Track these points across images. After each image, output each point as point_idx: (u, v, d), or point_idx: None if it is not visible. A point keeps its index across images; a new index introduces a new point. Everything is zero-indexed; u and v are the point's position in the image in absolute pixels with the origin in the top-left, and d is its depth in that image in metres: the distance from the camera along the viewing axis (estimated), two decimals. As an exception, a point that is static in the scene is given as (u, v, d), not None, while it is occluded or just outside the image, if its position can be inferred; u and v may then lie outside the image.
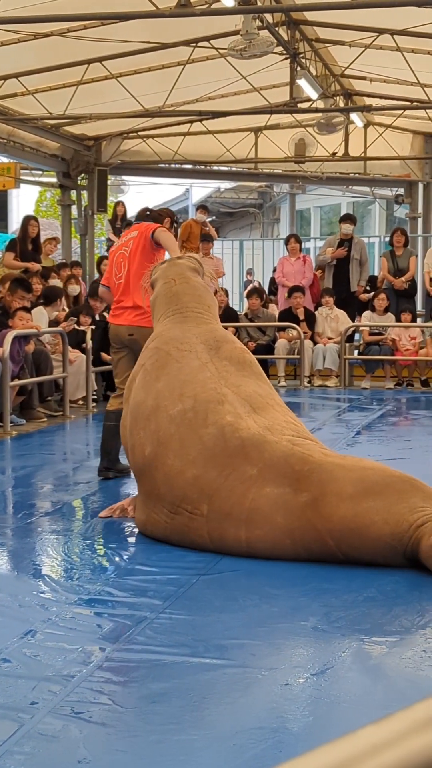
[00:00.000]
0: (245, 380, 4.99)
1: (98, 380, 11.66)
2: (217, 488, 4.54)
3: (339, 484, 4.33)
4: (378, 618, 3.67)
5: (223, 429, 4.62)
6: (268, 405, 4.88)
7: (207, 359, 5.04)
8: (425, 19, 11.72)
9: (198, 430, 4.68)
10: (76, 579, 4.23)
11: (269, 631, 3.52)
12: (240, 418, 4.67)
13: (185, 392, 4.84)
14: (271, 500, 4.42)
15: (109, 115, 15.42)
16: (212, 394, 4.80)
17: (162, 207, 7.69)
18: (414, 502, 4.26)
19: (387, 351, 13.52)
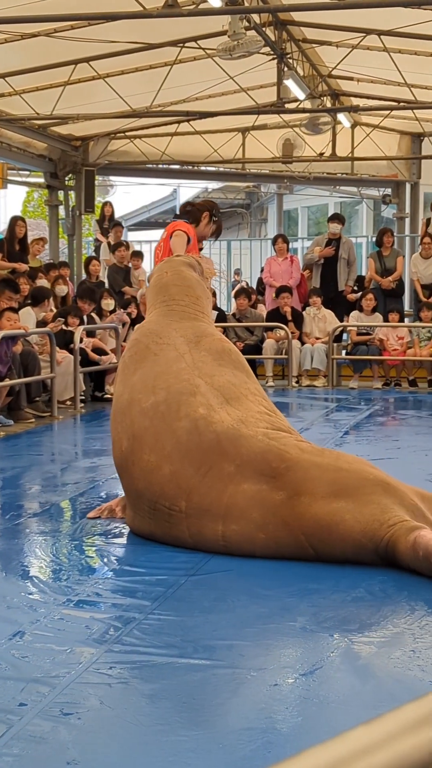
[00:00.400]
0: (220, 369, 4.97)
1: (86, 381, 11.65)
2: (195, 485, 4.57)
3: (313, 484, 4.38)
4: (366, 618, 3.67)
5: (196, 422, 4.64)
6: (242, 395, 4.87)
7: (185, 350, 5.04)
8: (412, 20, 11.75)
9: (171, 423, 4.69)
10: (65, 580, 4.22)
11: (258, 631, 3.52)
12: (213, 410, 4.68)
13: (158, 384, 4.85)
14: (247, 496, 4.46)
15: (97, 115, 15.41)
16: (185, 385, 4.81)
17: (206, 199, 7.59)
18: (385, 504, 4.30)
19: (375, 351, 13.54)
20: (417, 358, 13.42)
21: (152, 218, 30.84)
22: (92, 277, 14.15)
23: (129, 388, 4.99)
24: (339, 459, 4.58)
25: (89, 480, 6.68)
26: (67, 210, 18.14)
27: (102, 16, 11.27)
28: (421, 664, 3.18)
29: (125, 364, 5.21)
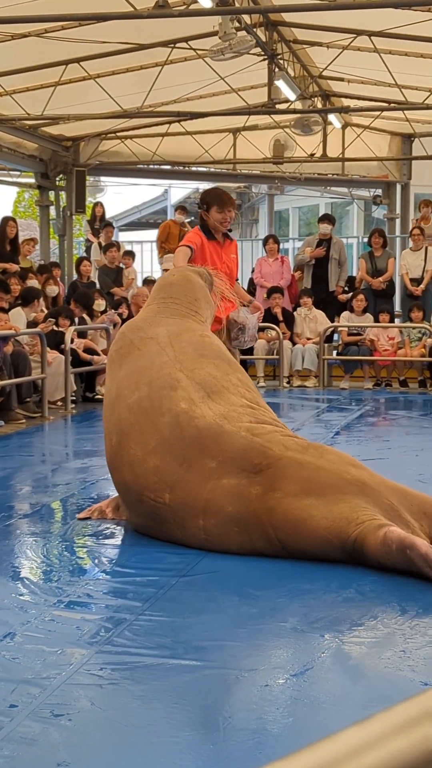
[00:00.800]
0: (201, 362, 5.01)
1: (77, 381, 11.64)
2: (178, 479, 4.64)
3: (288, 481, 4.43)
4: (357, 618, 3.67)
5: (178, 417, 4.70)
6: (224, 388, 4.90)
7: (166, 343, 5.10)
8: (402, 21, 11.77)
9: (154, 418, 4.77)
10: (56, 581, 4.22)
11: (249, 632, 3.52)
12: (194, 404, 4.74)
13: (141, 379, 4.94)
14: (225, 491, 4.53)
15: (88, 115, 15.40)
16: (166, 379, 4.87)
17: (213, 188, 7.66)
18: (357, 503, 4.31)
19: (366, 351, 13.56)
20: (408, 358, 13.44)
21: (143, 218, 30.84)
22: (83, 277, 14.14)
23: (116, 384, 5.09)
24: (322, 457, 4.59)
25: (80, 481, 6.67)
26: (57, 210, 18.13)
27: (93, 17, 11.27)
28: (411, 665, 3.18)
29: (112, 359, 5.32)
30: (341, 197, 23.93)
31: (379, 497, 4.39)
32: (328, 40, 13.45)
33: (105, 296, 13.34)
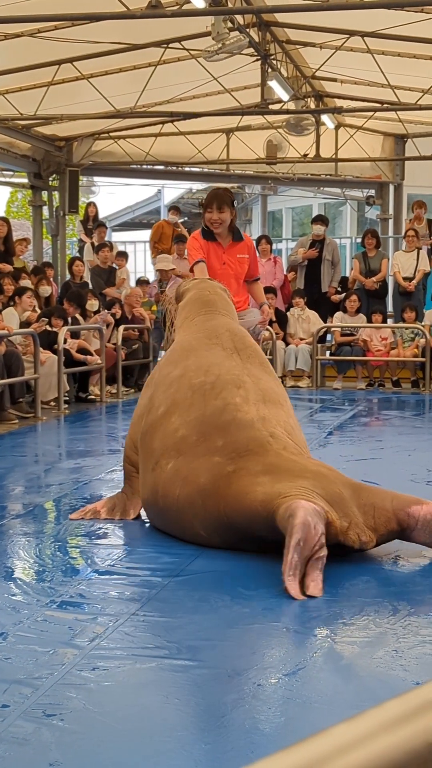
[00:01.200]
0: (265, 376, 5.31)
1: (70, 381, 11.63)
2: (186, 450, 4.87)
3: (257, 463, 4.60)
4: (349, 618, 3.68)
5: (227, 405, 4.94)
6: (279, 403, 5.16)
7: (232, 350, 5.36)
8: (395, 22, 11.79)
9: (208, 400, 5.01)
10: (48, 581, 4.22)
11: (241, 632, 3.52)
12: (247, 402, 4.98)
13: (211, 370, 5.18)
14: (209, 465, 4.72)
15: (81, 115, 15.40)
16: (233, 377, 5.12)
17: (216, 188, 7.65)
18: (300, 483, 4.36)
19: (358, 352, 13.58)
20: (400, 358, 13.46)
21: (136, 219, 30.83)
22: (76, 277, 14.13)
23: (182, 368, 5.29)
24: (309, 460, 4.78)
25: (73, 481, 6.67)
26: (51, 210, 18.11)
27: (86, 17, 11.26)
28: (403, 664, 3.19)
29: (175, 351, 5.52)
30: (334, 198, 23.95)
31: (330, 485, 4.42)
32: (320, 40, 13.46)
33: (98, 296, 13.34)
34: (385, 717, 0.74)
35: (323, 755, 0.69)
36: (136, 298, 13.92)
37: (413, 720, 0.74)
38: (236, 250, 7.01)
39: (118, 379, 12.54)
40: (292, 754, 0.69)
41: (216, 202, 6.84)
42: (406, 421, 10.33)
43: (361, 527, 4.34)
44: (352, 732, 0.72)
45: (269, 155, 17.24)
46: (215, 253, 6.92)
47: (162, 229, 16.23)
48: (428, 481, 6.58)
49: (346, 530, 4.28)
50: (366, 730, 0.72)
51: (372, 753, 0.70)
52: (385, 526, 4.42)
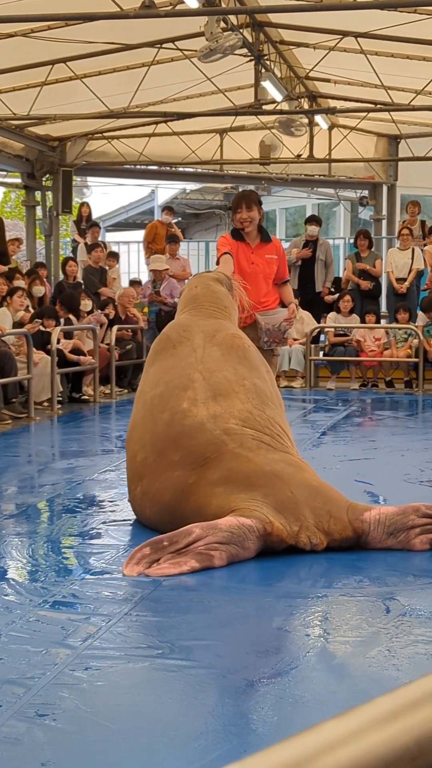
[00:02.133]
0: (223, 365, 5.19)
1: (63, 382, 11.62)
2: (148, 471, 4.98)
3: (215, 470, 4.66)
4: (341, 617, 3.68)
5: (174, 416, 4.96)
6: (233, 392, 5.07)
7: (199, 344, 5.33)
8: (388, 22, 11.79)
9: (156, 415, 5.07)
10: (41, 581, 4.21)
11: (234, 632, 3.53)
12: (195, 404, 4.96)
13: (163, 378, 5.21)
14: (171, 481, 4.79)
15: (74, 116, 15.38)
16: (182, 380, 5.10)
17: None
18: (253, 495, 4.49)
19: (352, 352, 13.59)
20: (394, 359, 13.46)
21: (130, 219, 30.80)
22: (69, 278, 14.12)
23: (144, 380, 5.49)
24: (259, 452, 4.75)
25: (66, 481, 6.67)
26: (44, 210, 18.09)
27: (79, 17, 11.25)
28: (396, 664, 3.19)
29: (149, 356, 5.67)
30: (328, 198, 23.97)
31: (282, 489, 4.54)
32: (314, 41, 13.46)
33: (91, 296, 13.32)
34: (374, 714, 0.74)
35: (313, 751, 0.69)
36: (130, 299, 13.92)
37: (402, 717, 0.74)
38: (264, 251, 7.10)
39: (111, 380, 12.53)
40: (282, 751, 0.69)
41: (245, 202, 7.01)
42: (399, 421, 10.34)
43: (312, 530, 4.49)
44: (341, 728, 0.72)
45: (263, 156, 17.24)
46: (243, 253, 7.02)
47: (156, 229, 16.22)
48: (421, 481, 6.59)
49: (296, 534, 4.46)
50: (355, 727, 0.72)
51: (361, 749, 0.70)
52: (340, 534, 4.56)
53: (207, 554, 4.25)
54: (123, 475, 6.80)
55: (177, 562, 4.21)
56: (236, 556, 4.33)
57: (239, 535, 4.32)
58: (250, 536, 4.35)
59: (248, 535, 4.34)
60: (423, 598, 3.94)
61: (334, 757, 0.68)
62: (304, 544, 4.47)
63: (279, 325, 7.00)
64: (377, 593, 3.98)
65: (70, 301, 12.44)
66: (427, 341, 13.08)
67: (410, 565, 4.43)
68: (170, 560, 4.22)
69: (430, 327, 13.23)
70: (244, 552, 4.36)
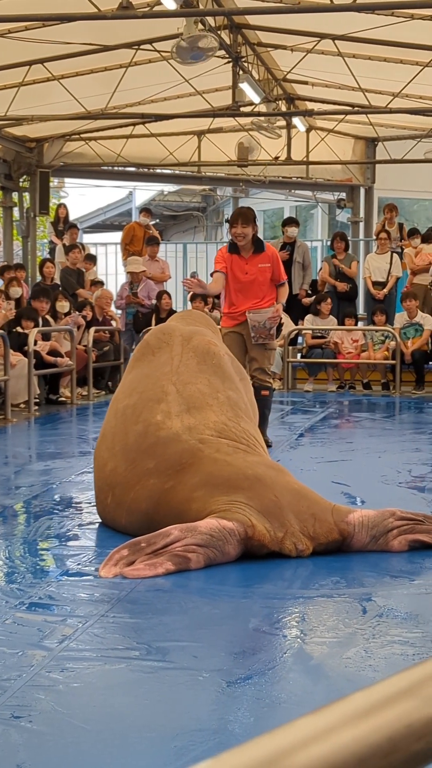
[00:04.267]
0: (198, 377, 5.20)
1: (41, 384, 11.58)
2: (120, 481, 4.95)
3: (194, 474, 4.63)
4: (319, 618, 3.69)
5: (147, 428, 4.95)
6: (207, 404, 5.06)
7: (178, 351, 5.36)
8: (365, 25, 11.83)
9: (128, 426, 5.07)
10: (17, 583, 4.19)
11: (211, 633, 3.52)
12: (169, 417, 4.94)
13: (137, 387, 5.24)
14: (147, 489, 4.77)
15: (51, 116, 15.34)
16: (156, 391, 5.10)
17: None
18: (236, 498, 4.46)
19: (329, 354, 13.61)
20: (371, 361, 13.50)
21: (108, 220, 30.75)
22: (47, 279, 14.08)
23: (120, 388, 5.53)
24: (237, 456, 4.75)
25: (43, 483, 6.64)
26: (21, 212, 18.03)
27: (56, 17, 11.22)
28: (373, 664, 3.20)
29: (129, 363, 5.78)
30: (305, 200, 24.01)
31: (266, 493, 4.51)
32: (292, 43, 13.49)
33: (69, 298, 13.29)
34: (347, 710, 0.74)
35: (286, 748, 0.69)
36: (107, 300, 13.89)
37: (376, 713, 0.74)
38: (258, 260, 7.87)
39: (88, 381, 12.50)
40: (255, 747, 0.69)
41: (241, 219, 7.76)
42: (377, 423, 10.37)
43: (297, 536, 4.45)
44: (315, 725, 0.72)
45: (240, 158, 17.26)
46: (238, 265, 7.83)
47: (133, 231, 16.20)
48: (399, 483, 6.61)
49: (281, 540, 4.41)
50: (329, 724, 0.72)
51: (334, 746, 0.70)
52: (326, 537, 4.53)
53: (184, 556, 4.22)
54: (100, 477, 6.79)
55: (152, 563, 4.18)
56: (214, 560, 4.30)
57: (219, 538, 4.29)
58: (230, 540, 4.31)
59: (228, 539, 4.30)
60: (399, 599, 3.95)
61: (307, 753, 0.68)
62: (289, 550, 4.42)
63: (264, 323, 7.75)
64: (354, 594, 3.99)
65: (46, 293, 12.38)
66: (404, 343, 13.14)
67: (387, 566, 4.44)
68: (146, 561, 4.19)
69: (407, 329, 13.28)
70: (222, 556, 4.32)
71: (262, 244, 7.98)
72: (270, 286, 7.94)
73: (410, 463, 7.43)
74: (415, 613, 3.74)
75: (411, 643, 3.39)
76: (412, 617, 3.69)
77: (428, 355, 13.38)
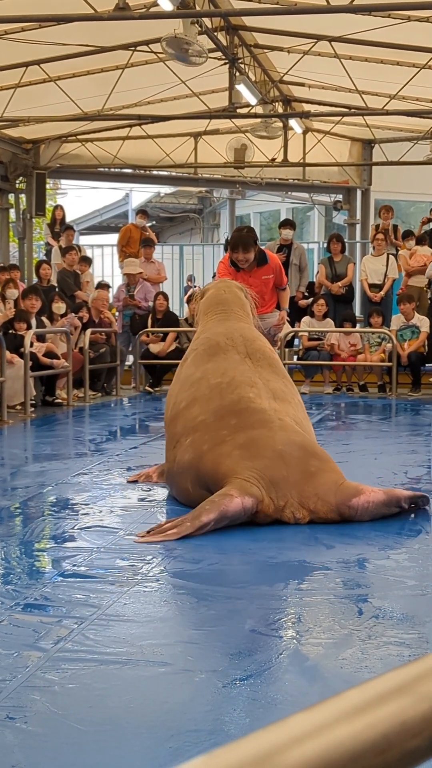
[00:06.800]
0: (274, 377, 5.93)
1: (37, 385, 11.57)
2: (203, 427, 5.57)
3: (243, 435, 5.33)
4: (315, 619, 3.68)
5: (242, 398, 5.60)
6: (287, 400, 5.78)
7: (245, 354, 6.01)
8: (362, 26, 11.85)
9: (224, 394, 5.68)
10: (13, 584, 4.19)
11: (206, 634, 3.51)
12: (260, 397, 5.61)
13: (228, 372, 5.84)
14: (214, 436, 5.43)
15: (48, 118, 15.34)
16: (246, 379, 5.77)
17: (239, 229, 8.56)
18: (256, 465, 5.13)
19: (326, 356, 13.61)
20: (367, 363, 13.51)
21: (104, 222, 30.76)
22: (43, 281, 14.07)
23: (202, 370, 5.99)
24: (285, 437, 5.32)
25: (39, 484, 6.64)
26: (17, 213, 18.03)
27: (53, 18, 11.22)
28: (368, 665, 3.19)
29: (198, 354, 6.18)
30: (302, 202, 24.03)
31: (281, 468, 5.16)
32: (288, 44, 13.50)
33: (65, 299, 13.28)
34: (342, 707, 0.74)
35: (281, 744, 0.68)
36: (103, 302, 13.89)
37: (370, 710, 0.73)
38: (261, 272, 8.01)
39: (85, 383, 12.50)
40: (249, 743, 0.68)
41: (241, 248, 7.83)
42: (373, 425, 10.37)
43: (296, 507, 5.10)
44: (309, 721, 0.71)
45: (237, 159, 17.27)
46: (242, 278, 7.78)
47: (129, 232, 16.20)
48: (395, 484, 6.60)
49: (282, 509, 5.09)
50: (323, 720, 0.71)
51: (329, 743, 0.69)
52: (325, 515, 5.14)
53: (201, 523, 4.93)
54: (96, 479, 6.80)
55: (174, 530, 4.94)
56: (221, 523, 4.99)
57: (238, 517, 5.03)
58: (244, 515, 5.04)
59: (243, 516, 5.03)
60: (395, 600, 3.95)
61: (301, 750, 0.67)
62: (288, 518, 5.10)
63: (269, 330, 7.90)
64: (350, 595, 3.99)
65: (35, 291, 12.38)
66: (401, 345, 13.14)
67: (383, 567, 4.44)
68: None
69: (403, 331, 13.29)
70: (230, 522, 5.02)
71: (265, 257, 8.09)
72: (272, 292, 8.09)
73: (406, 465, 7.43)
74: (411, 614, 3.74)
75: (407, 645, 3.39)
76: (407, 618, 3.68)
77: (425, 357, 13.39)
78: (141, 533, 4.98)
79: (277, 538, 4.94)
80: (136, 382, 14.28)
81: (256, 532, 5.03)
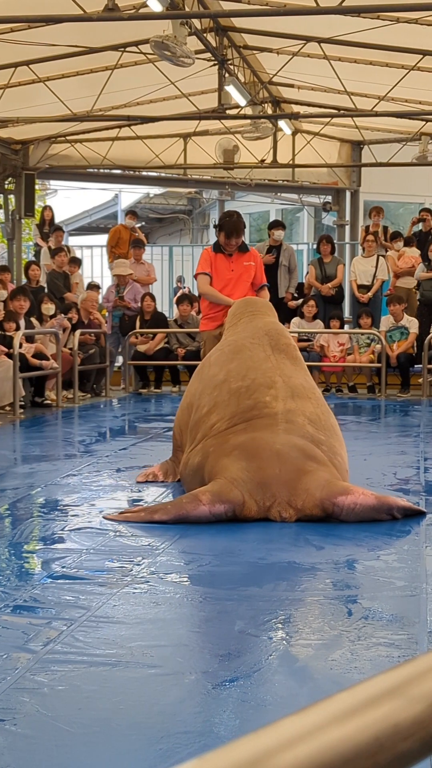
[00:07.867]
0: (296, 373, 6.02)
1: (26, 386, 11.55)
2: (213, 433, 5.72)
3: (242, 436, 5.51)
4: (304, 620, 3.68)
5: (257, 403, 5.70)
6: (307, 397, 5.84)
7: (270, 352, 6.10)
8: (351, 28, 11.86)
9: (241, 400, 5.78)
10: (2, 586, 4.17)
11: (196, 635, 3.51)
12: (275, 399, 5.70)
13: (248, 374, 5.93)
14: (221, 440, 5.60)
15: (37, 118, 15.32)
16: (266, 380, 5.85)
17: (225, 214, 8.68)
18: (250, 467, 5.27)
19: (315, 357, 13.62)
20: (357, 364, 13.53)
21: (93, 223, 30.73)
22: (32, 281, 14.05)
23: (225, 372, 6.09)
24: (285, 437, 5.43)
25: (28, 486, 6.62)
26: (6, 214, 18.00)
27: (42, 19, 11.20)
28: (358, 666, 3.19)
29: (223, 353, 6.31)
30: (291, 203, 24.05)
31: (273, 467, 5.26)
32: (278, 46, 13.51)
33: (55, 300, 13.26)
34: (334, 710, 0.73)
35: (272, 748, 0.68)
36: (92, 303, 13.87)
37: (362, 713, 0.73)
38: (243, 259, 8.19)
39: (74, 384, 12.48)
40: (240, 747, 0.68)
41: (235, 234, 8.05)
42: (362, 426, 10.38)
43: (284, 506, 5.20)
44: (301, 725, 0.71)
45: (226, 160, 17.27)
46: (223, 263, 8.12)
47: (119, 233, 16.19)
48: (385, 485, 6.62)
49: (268, 508, 5.19)
50: (315, 723, 0.71)
51: (321, 746, 0.69)
52: (310, 510, 5.18)
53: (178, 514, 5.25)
54: (85, 480, 6.78)
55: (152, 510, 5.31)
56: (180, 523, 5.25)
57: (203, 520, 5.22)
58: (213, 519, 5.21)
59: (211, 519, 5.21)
60: (385, 601, 3.95)
61: (293, 753, 0.67)
62: (274, 517, 5.20)
63: None
64: (340, 596, 3.99)
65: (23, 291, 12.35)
66: (390, 346, 13.16)
67: (372, 568, 4.44)
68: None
69: (392, 332, 13.31)
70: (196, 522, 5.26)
71: (246, 245, 8.33)
72: (251, 290, 8.14)
73: (395, 466, 7.44)
74: (401, 615, 3.74)
75: (396, 645, 3.39)
76: (397, 619, 3.69)
77: (414, 358, 13.41)
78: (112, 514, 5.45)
79: (266, 539, 4.94)
80: (126, 383, 14.27)
81: (246, 533, 5.03)
